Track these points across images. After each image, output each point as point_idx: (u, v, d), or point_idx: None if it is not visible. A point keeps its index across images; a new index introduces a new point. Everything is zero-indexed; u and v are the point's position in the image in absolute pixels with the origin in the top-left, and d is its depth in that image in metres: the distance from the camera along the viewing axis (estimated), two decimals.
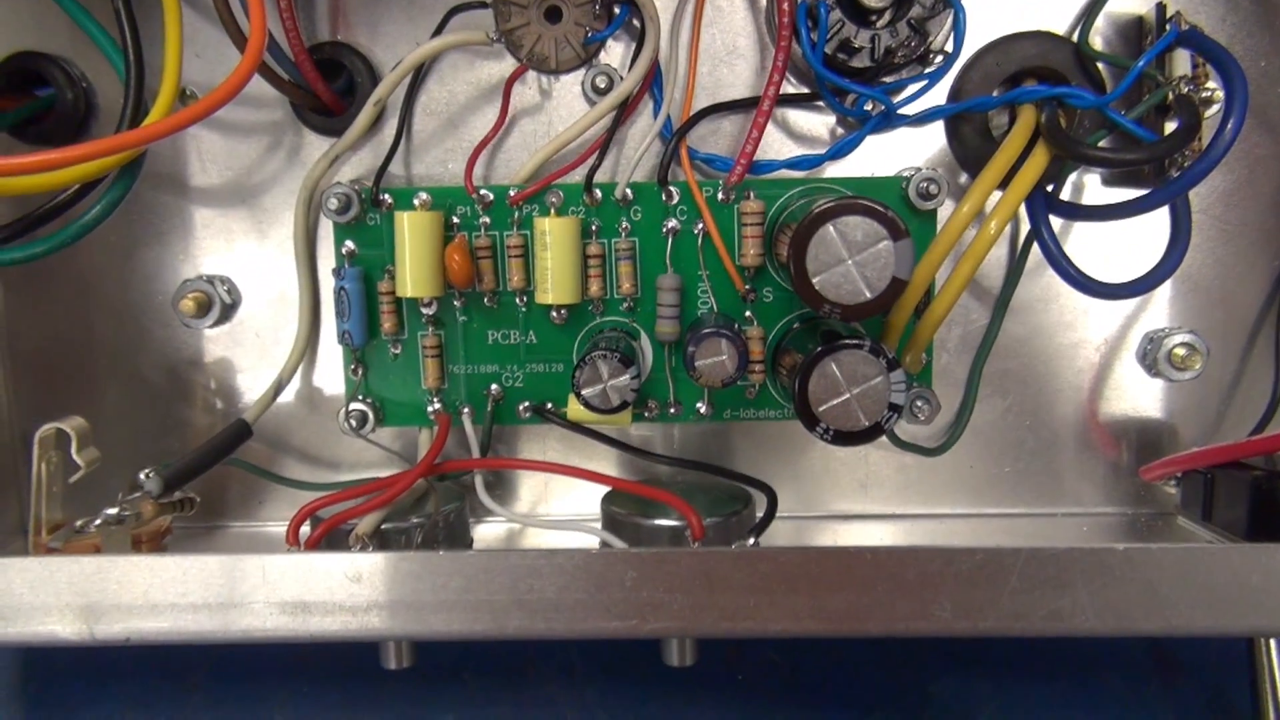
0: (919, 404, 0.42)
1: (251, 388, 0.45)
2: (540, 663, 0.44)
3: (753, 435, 0.45)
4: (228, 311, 0.44)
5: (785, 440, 0.45)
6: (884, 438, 0.43)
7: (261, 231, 0.44)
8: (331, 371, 0.45)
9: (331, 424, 0.45)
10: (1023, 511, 0.45)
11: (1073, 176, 0.42)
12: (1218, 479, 0.39)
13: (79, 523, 0.38)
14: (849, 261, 0.33)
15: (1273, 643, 0.35)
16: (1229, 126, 0.33)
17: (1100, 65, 0.40)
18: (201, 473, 0.40)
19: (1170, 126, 0.39)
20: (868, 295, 0.33)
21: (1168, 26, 0.37)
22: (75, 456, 0.38)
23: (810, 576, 0.32)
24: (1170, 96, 0.37)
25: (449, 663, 0.43)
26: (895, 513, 0.45)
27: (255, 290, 0.44)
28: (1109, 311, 0.43)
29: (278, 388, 0.43)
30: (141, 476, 0.39)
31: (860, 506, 0.45)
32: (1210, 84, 0.38)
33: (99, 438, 0.42)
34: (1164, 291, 0.43)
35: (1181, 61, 0.39)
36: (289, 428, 0.45)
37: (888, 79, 0.40)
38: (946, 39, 0.39)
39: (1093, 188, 0.42)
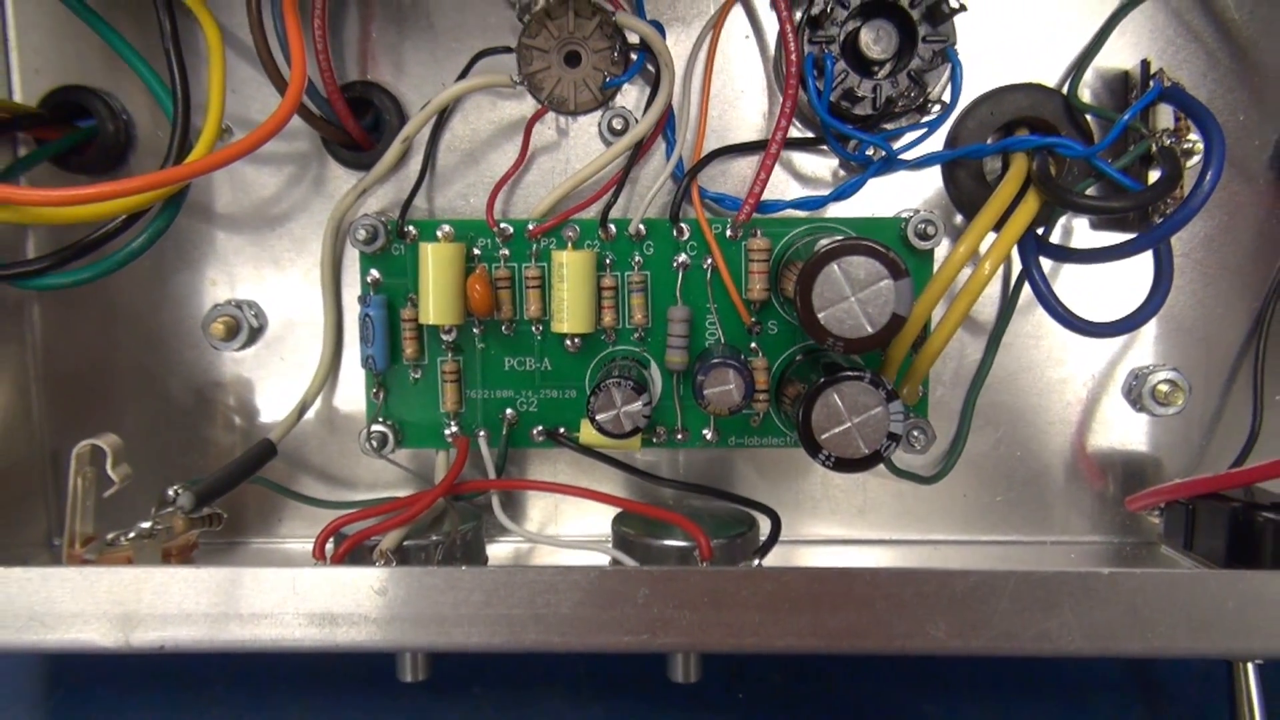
0: (915, 434, 0.44)
1: (273, 409, 0.47)
2: (549, 677, 0.45)
3: (755, 461, 0.47)
4: (255, 335, 0.46)
5: (786, 466, 0.47)
6: (881, 466, 0.45)
7: (289, 259, 0.46)
8: (352, 394, 0.46)
9: (350, 444, 0.47)
10: (1014, 539, 0.47)
11: (1063, 220, 0.44)
12: (1199, 510, 0.40)
13: (110, 536, 0.40)
14: (852, 298, 0.35)
15: (1250, 666, 0.36)
16: (1208, 178, 0.36)
17: (1089, 116, 0.42)
18: (229, 490, 0.41)
19: (1154, 176, 0.41)
20: (869, 330, 0.35)
21: (1151, 83, 0.40)
22: (110, 472, 0.40)
23: (812, 596, 0.34)
24: (1154, 148, 0.40)
25: (461, 676, 0.45)
26: (892, 538, 0.47)
27: (281, 315, 0.46)
28: (1096, 349, 0.46)
29: (302, 409, 0.45)
30: (171, 492, 0.40)
31: (858, 532, 0.47)
32: (1191, 136, 0.40)
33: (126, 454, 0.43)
34: (1149, 330, 0.45)
35: (1165, 114, 0.41)
36: (310, 448, 0.47)
37: (889, 126, 0.42)
38: (944, 90, 0.42)
39: (1082, 231, 0.45)
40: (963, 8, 0.39)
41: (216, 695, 0.45)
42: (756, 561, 0.38)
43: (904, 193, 0.45)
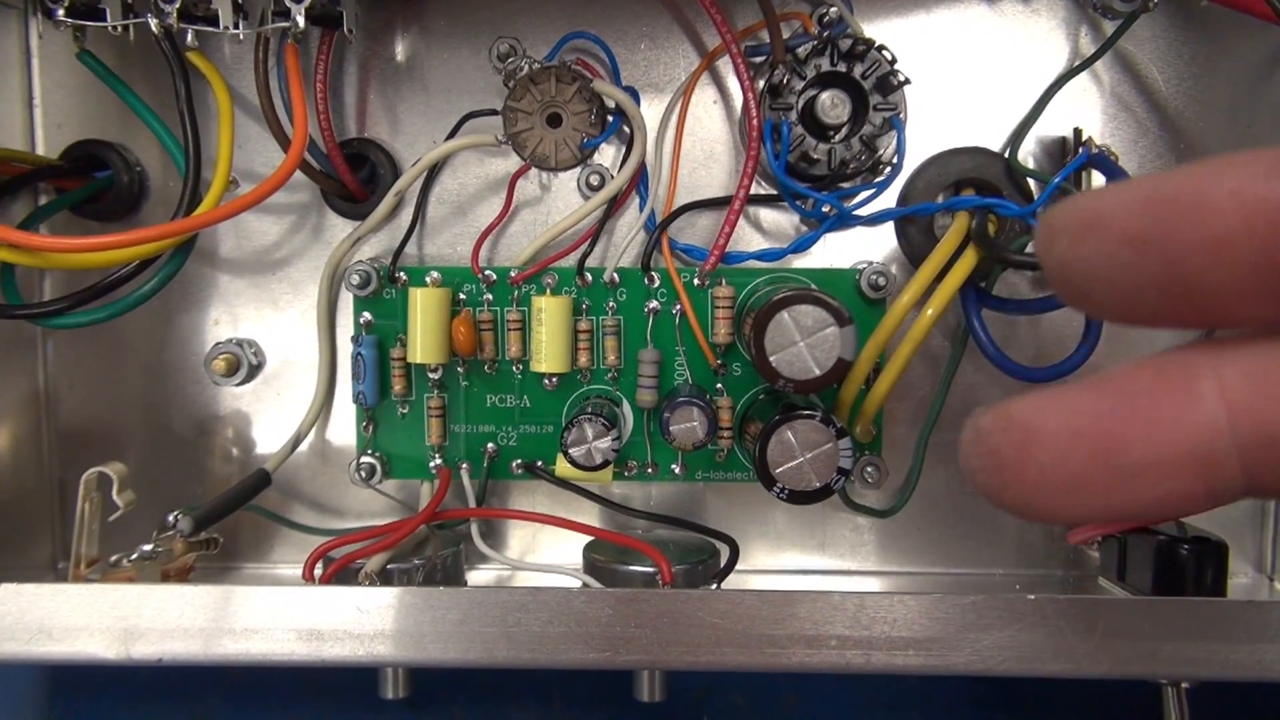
0: (869, 470, 0.47)
1: (269, 441, 0.50)
2: (522, 697, 0.48)
3: (724, 496, 0.50)
4: (254, 371, 0.49)
5: (753, 501, 0.50)
6: (839, 500, 0.48)
7: (287, 301, 0.49)
8: (343, 428, 0.49)
9: (341, 475, 0.49)
10: (965, 571, 0.50)
11: (1016, 275, 0.47)
12: (1129, 543, 0.43)
13: (114, 558, 0.42)
14: (801, 343, 0.39)
15: (1172, 690, 0.39)
16: None
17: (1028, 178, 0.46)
18: (225, 516, 0.44)
19: None
20: (817, 372, 0.39)
21: (1080, 149, 0.43)
22: (115, 498, 0.43)
23: (763, 616, 0.37)
24: None
25: (440, 694, 0.48)
26: (850, 569, 0.50)
27: (279, 353, 0.49)
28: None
29: (296, 441, 0.48)
30: (171, 518, 0.43)
31: (819, 563, 0.50)
32: None
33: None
34: (1092, 372, 0.48)
35: (1099, 179, 0.45)
36: (302, 477, 0.50)
37: (845, 185, 0.46)
38: (894, 154, 0.45)
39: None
40: (908, 81, 0.43)
41: (209, 709, 0.48)
42: (715, 586, 0.41)
43: (861, 246, 0.48)
